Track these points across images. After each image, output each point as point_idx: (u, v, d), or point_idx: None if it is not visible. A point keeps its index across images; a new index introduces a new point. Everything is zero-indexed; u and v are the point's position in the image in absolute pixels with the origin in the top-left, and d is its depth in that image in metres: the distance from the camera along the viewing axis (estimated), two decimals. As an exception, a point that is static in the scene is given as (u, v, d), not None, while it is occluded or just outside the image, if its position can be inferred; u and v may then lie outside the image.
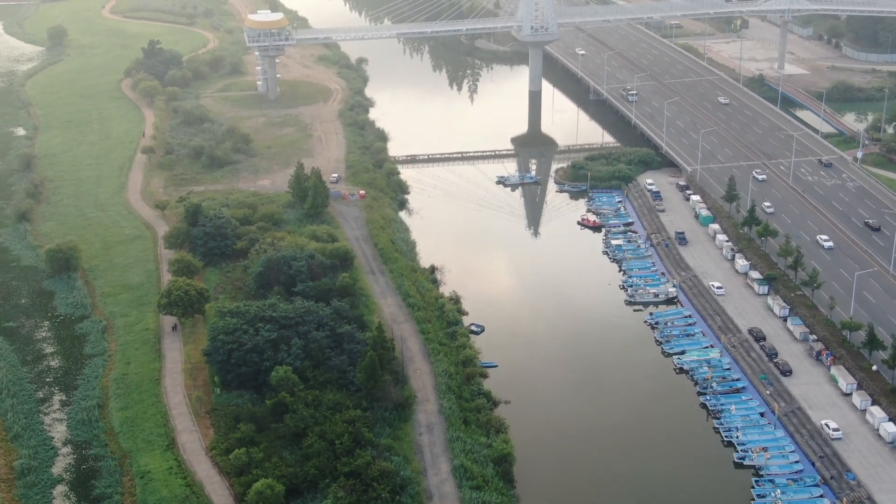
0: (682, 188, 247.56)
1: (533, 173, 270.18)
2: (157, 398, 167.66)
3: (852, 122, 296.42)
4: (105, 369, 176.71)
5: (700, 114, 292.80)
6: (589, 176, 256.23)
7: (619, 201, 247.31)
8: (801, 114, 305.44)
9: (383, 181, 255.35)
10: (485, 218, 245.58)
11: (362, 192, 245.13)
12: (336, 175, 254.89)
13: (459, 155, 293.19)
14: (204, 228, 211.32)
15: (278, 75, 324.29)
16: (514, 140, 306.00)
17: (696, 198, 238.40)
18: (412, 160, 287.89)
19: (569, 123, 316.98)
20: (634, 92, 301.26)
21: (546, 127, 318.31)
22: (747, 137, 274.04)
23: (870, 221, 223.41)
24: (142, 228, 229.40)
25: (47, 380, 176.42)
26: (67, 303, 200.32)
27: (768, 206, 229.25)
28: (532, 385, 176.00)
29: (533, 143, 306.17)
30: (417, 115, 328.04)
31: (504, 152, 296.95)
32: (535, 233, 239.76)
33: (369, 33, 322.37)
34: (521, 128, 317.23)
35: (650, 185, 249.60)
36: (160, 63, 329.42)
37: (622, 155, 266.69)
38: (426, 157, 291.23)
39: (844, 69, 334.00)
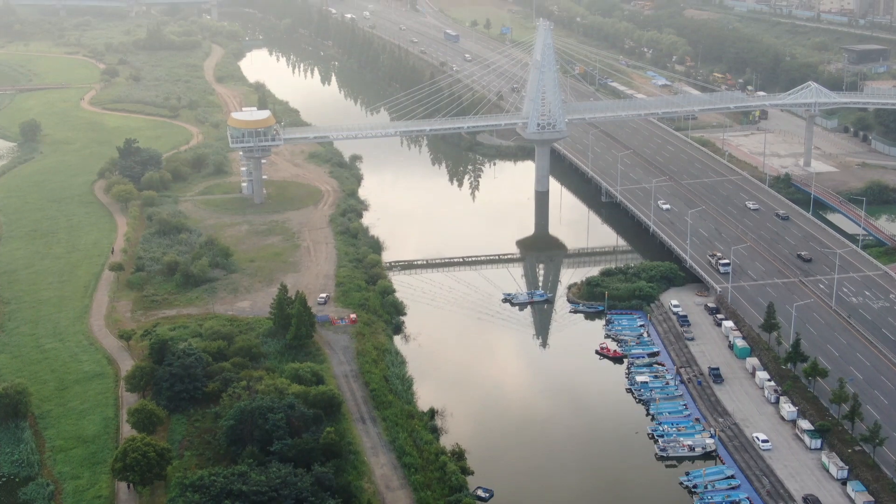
0: (712, 311, 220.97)
1: (542, 290, 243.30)
2: None
3: (884, 223, 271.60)
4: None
5: (725, 220, 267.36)
6: (606, 295, 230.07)
7: (642, 325, 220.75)
8: (832, 217, 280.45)
9: (377, 302, 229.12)
10: (490, 344, 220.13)
11: (353, 315, 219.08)
12: (324, 295, 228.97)
13: (461, 259, 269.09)
14: (170, 369, 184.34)
15: (265, 176, 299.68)
16: (520, 243, 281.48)
17: (728, 324, 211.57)
18: (409, 265, 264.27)
19: (579, 226, 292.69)
20: (727, 261, 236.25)
21: (554, 229, 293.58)
22: (779, 249, 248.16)
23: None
24: (103, 364, 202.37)
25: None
26: (12, 460, 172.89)
27: None
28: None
29: (540, 248, 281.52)
30: (415, 214, 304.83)
31: (509, 256, 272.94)
32: (548, 363, 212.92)
33: (363, 132, 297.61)
34: (528, 230, 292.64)
35: (675, 307, 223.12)
36: (137, 163, 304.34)
37: (642, 270, 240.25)
38: (424, 262, 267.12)
39: (876, 166, 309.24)
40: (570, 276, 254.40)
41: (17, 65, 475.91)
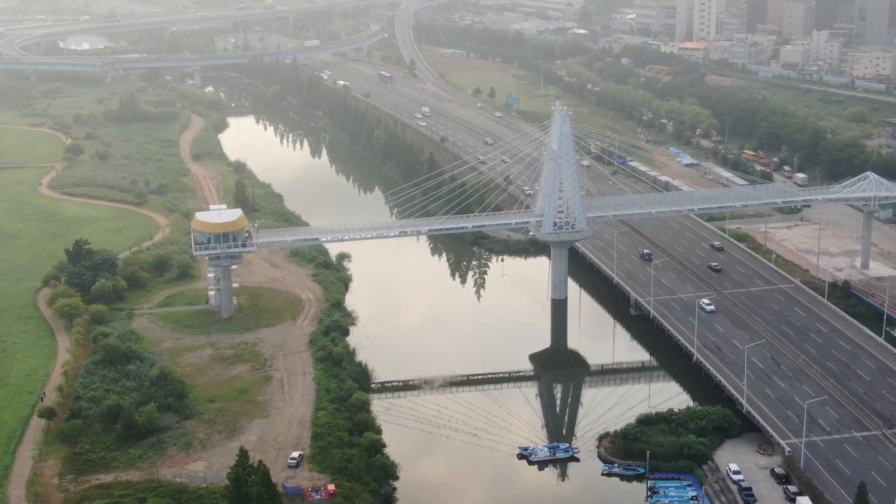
0: (781, 479, 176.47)
1: (567, 445, 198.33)
2: None
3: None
4: None
5: (783, 346, 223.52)
6: (648, 454, 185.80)
7: (694, 497, 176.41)
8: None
9: (362, 462, 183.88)
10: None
11: (331, 487, 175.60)
12: (297, 455, 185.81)
13: (465, 378, 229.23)
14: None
15: (235, 284, 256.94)
16: (534, 358, 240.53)
17: (805, 502, 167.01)
18: (405, 386, 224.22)
19: (603, 339, 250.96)
20: None
21: (573, 340, 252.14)
22: (851, 387, 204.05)
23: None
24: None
25: None
26: None
27: None
28: None
29: (557, 365, 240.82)
30: (411, 320, 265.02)
31: (522, 374, 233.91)
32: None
33: (352, 233, 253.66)
34: (542, 341, 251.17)
35: (735, 473, 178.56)
36: (87, 269, 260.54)
37: (689, 418, 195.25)
38: (421, 382, 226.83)
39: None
40: (594, 398, 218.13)
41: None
